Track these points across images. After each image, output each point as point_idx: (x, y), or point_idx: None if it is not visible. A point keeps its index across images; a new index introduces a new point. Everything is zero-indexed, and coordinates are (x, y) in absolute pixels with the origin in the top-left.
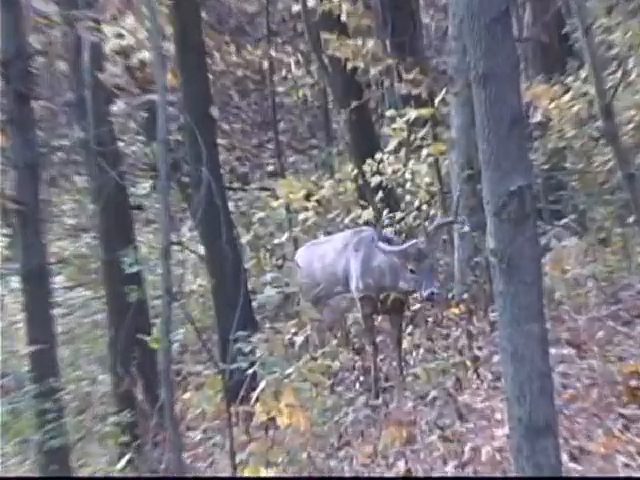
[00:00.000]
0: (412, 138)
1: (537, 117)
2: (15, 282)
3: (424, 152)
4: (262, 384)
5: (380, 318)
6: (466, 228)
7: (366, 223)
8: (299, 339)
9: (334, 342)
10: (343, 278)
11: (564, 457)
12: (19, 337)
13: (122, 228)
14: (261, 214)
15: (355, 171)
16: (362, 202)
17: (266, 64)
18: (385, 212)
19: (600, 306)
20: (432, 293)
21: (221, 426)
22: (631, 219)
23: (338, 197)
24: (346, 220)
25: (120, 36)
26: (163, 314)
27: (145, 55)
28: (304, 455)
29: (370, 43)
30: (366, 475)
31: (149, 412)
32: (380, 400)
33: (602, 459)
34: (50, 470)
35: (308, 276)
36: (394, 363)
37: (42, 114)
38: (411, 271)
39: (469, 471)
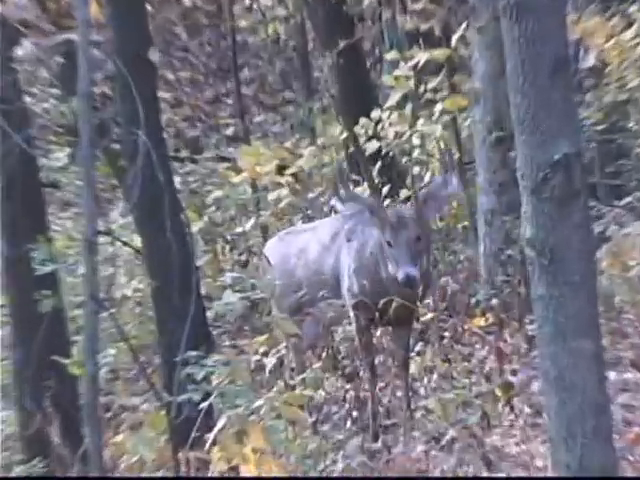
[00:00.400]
0: (421, 90)
1: (589, 61)
2: None
3: (437, 108)
4: (221, 422)
5: (380, 332)
6: (452, 187)
7: None
8: (270, 361)
9: (318, 365)
10: (332, 279)
11: None
12: None
13: (31, 213)
14: (218, 193)
15: (344, 134)
16: (354, 176)
17: None
18: (385, 189)
19: None
20: (407, 276)
21: (167, 478)
22: None
23: (322, 170)
24: (333, 200)
25: None
26: (87, 328)
27: None
28: None
29: None
30: None
31: (69, 460)
32: (380, 443)
33: None
34: None
35: (283, 277)
36: (399, 393)
37: None
38: (388, 244)
39: None
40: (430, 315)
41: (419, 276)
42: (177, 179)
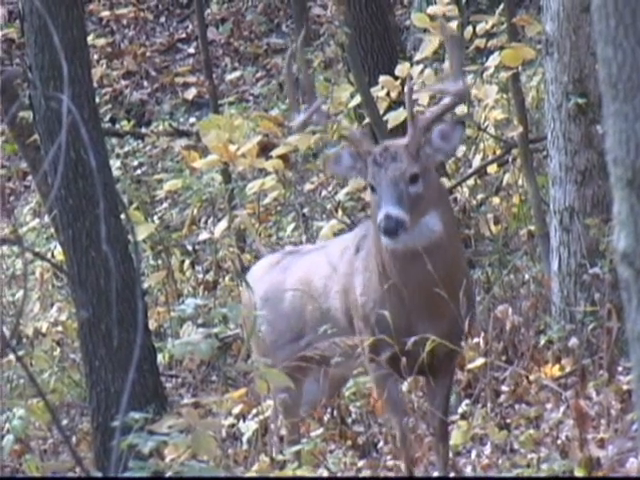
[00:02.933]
0: (468, 34)
1: None
2: None
3: (492, 62)
4: None
5: (408, 384)
6: (452, 145)
7: None
8: (249, 427)
9: (318, 432)
10: (341, 313)
11: None
12: None
13: None
14: (174, 183)
15: (358, 98)
16: None
17: None
18: None
19: None
20: (387, 217)
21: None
22: None
23: (324, 150)
24: (340, 194)
25: None
26: None
27: None
28: None
29: None
30: None
31: None
32: None
33: None
34: None
35: (276, 318)
36: (435, 473)
37: None
38: (371, 189)
39: None
40: (480, 361)
41: (408, 221)
42: (115, 163)
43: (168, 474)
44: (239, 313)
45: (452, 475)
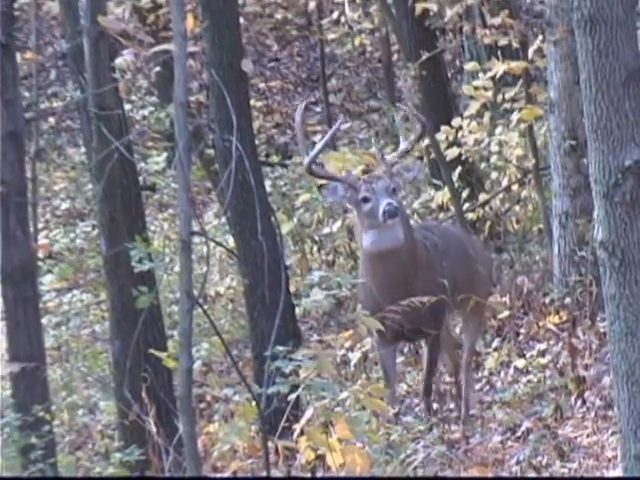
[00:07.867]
0: (499, 99)
1: None
2: None
3: (514, 117)
4: (308, 413)
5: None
6: (413, 174)
7: (440, 207)
8: (355, 355)
9: (400, 360)
10: None
11: None
12: None
13: (130, 214)
14: (306, 196)
15: (426, 141)
16: (435, 181)
17: (313, 4)
18: (465, 193)
19: None
20: (389, 206)
21: (256, 466)
22: None
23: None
24: (415, 204)
25: None
26: (182, 323)
27: None
28: None
29: None
30: None
31: (164, 448)
32: (459, 433)
33: None
34: None
35: None
36: (477, 385)
37: (28, 69)
38: (364, 200)
39: None
40: (506, 313)
41: (397, 205)
42: (268, 183)
43: (302, 386)
44: (348, 281)
45: (488, 388)
